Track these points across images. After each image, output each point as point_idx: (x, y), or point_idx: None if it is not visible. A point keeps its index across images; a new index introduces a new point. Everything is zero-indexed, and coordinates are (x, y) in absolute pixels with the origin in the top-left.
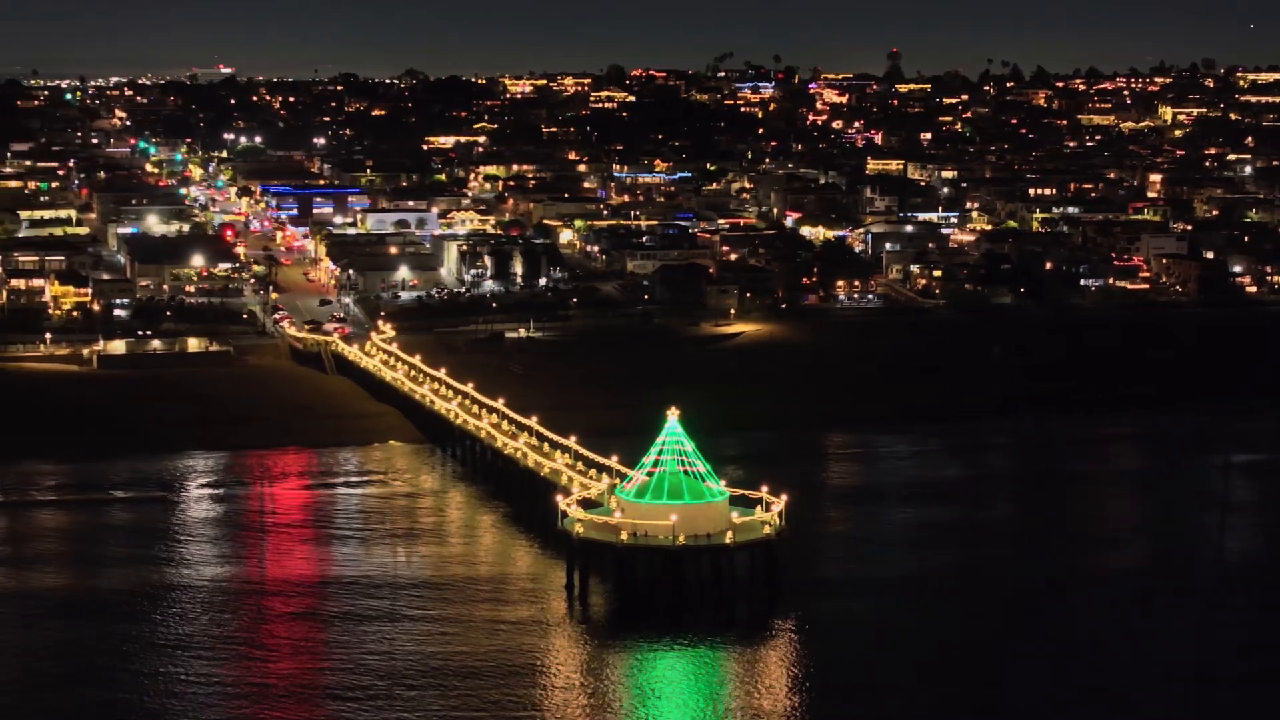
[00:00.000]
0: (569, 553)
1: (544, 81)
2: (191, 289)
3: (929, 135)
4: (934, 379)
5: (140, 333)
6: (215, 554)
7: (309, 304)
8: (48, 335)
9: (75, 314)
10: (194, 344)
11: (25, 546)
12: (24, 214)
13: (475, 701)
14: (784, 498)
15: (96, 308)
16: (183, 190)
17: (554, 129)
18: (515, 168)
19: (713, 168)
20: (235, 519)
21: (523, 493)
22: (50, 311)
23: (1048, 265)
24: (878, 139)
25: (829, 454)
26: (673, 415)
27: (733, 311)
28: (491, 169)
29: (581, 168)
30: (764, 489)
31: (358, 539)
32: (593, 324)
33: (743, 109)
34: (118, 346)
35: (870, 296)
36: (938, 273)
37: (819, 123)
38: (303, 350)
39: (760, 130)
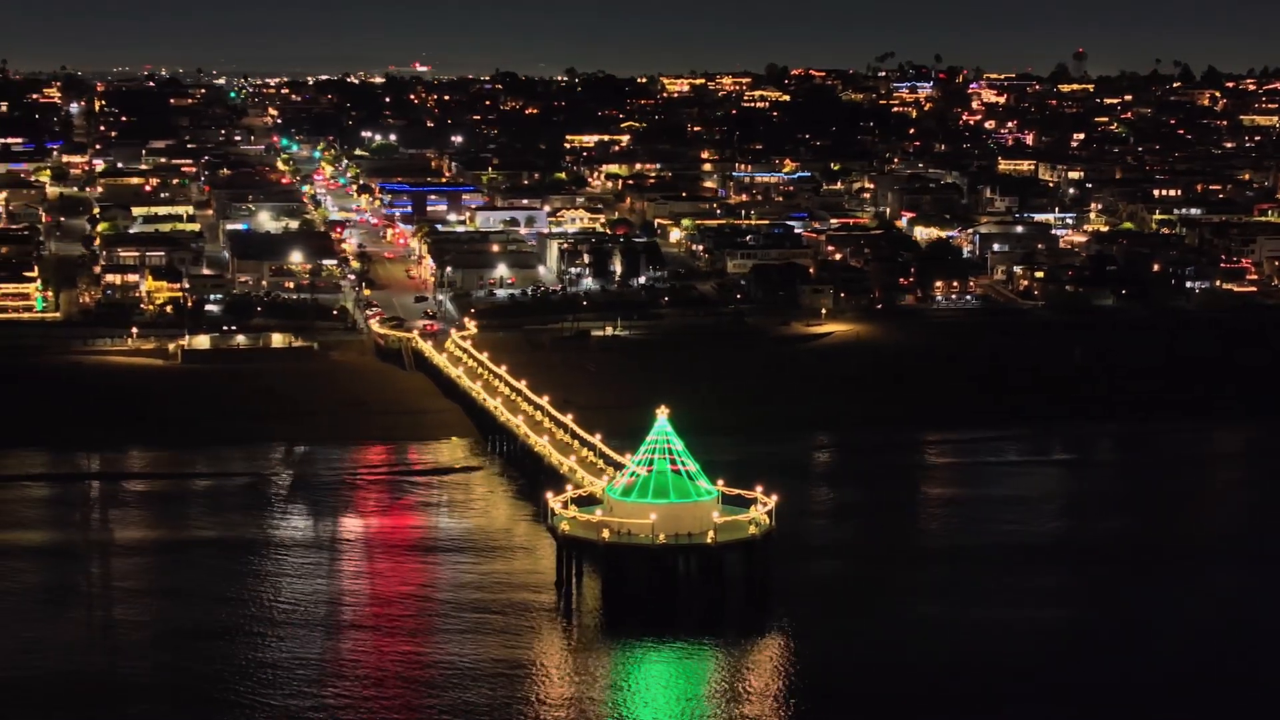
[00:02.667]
0: (557, 550)
1: (702, 81)
2: (291, 285)
3: (1081, 135)
4: (1007, 380)
5: (225, 328)
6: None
7: (405, 301)
8: (134, 329)
9: (168, 309)
10: (278, 339)
11: None
12: (138, 210)
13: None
14: (774, 498)
15: (189, 303)
16: (305, 187)
17: (699, 128)
18: (638, 166)
19: (837, 167)
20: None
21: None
22: (143, 306)
23: (1155, 267)
24: (1028, 139)
25: (856, 459)
26: (662, 414)
27: (824, 311)
28: (614, 167)
29: (706, 167)
30: (758, 489)
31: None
32: (682, 323)
33: (895, 109)
34: (202, 341)
35: (968, 297)
36: (1040, 274)
37: (971, 123)
38: (385, 347)
39: (911, 130)
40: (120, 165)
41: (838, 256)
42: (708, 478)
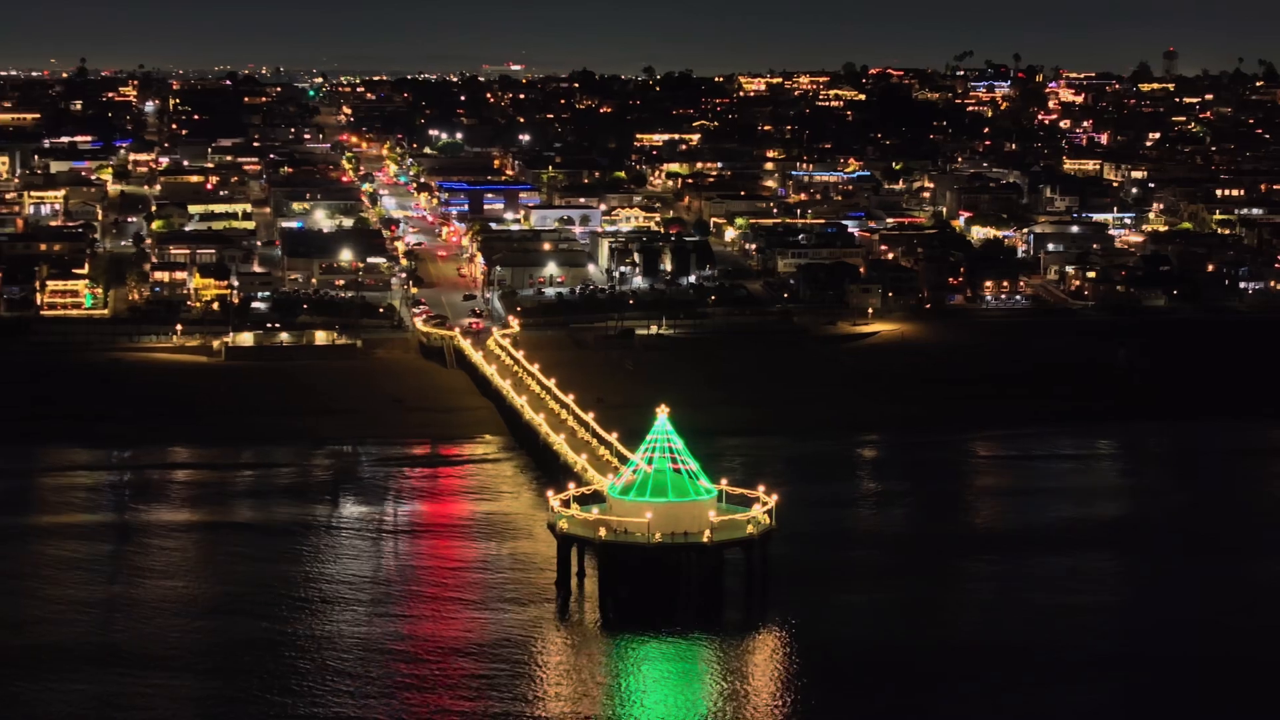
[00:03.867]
0: (558, 548)
1: (779, 80)
2: (341, 282)
3: (1157, 135)
4: (1043, 380)
5: (269, 325)
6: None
7: (454, 299)
8: (179, 326)
9: (214, 306)
10: (321, 337)
11: None
12: (194, 208)
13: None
14: (774, 497)
15: (236, 300)
16: (365, 185)
17: (769, 127)
18: (698, 165)
19: (898, 167)
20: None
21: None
22: (190, 304)
23: (1209, 267)
24: (1102, 139)
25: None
26: (662, 413)
27: (870, 311)
28: (674, 166)
29: (768, 165)
30: (760, 488)
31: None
32: (727, 321)
33: (970, 108)
34: (246, 338)
35: (1018, 297)
36: (1092, 274)
37: (1046, 122)
38: (427, 344)
39: (985, 130)
40: (185, 163)
41: (890, 256)
42: (709, 477)
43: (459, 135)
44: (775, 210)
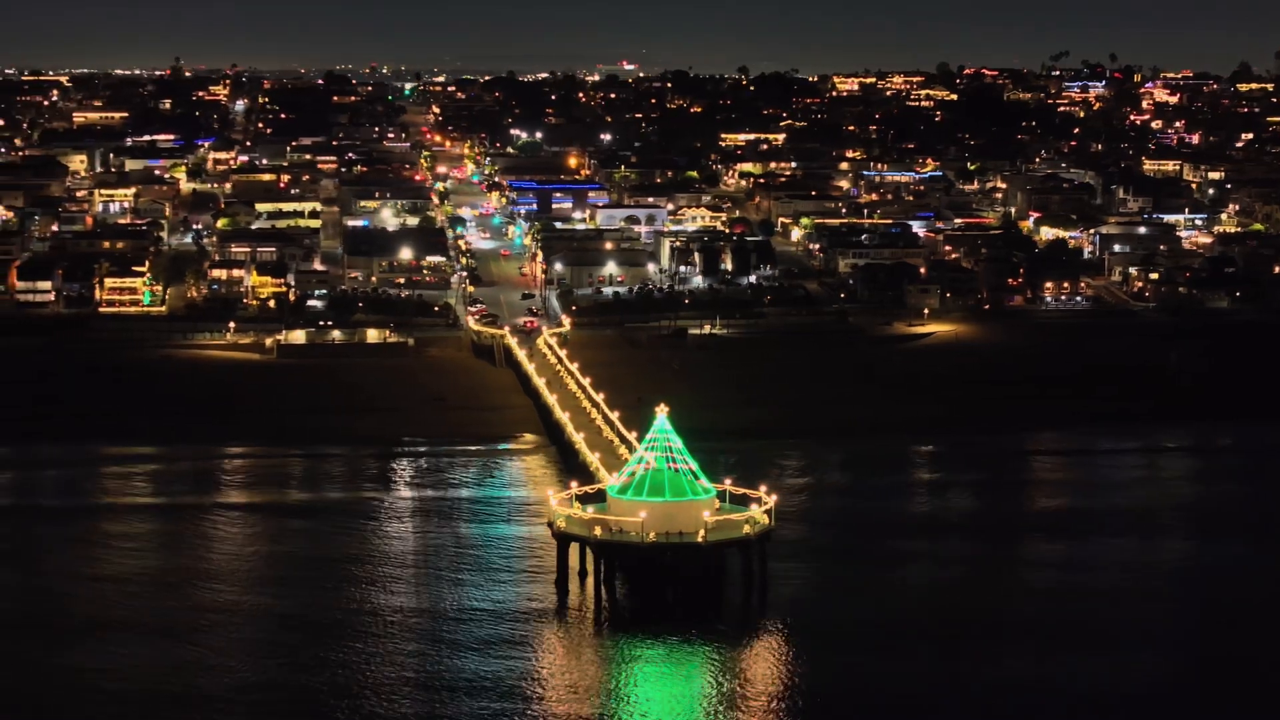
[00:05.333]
0: (557, 547)
1: (872, 80)
2: (401, 280)
3: (1249, 135)
4: (1088, 382)
5: (322, 323)
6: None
7: (512, 298)
8: (232, 324)
9: (271, 304)
10: (373, 335)
11: None
12: (263, 206)
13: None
14: (774, 498)
15: (292, 298)
16: (439, 184)
17: (853, 127)
18: (772, 165)
19: (973, 167)
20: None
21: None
22: (246, 301)
23: (1277, 269)
24: (1194, 140)
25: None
26: (661, 413)
27: (926, 311)
28: (747, 166)
29: (844, 166)
30: (761, 489)
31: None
32: (782, 321)
33: (1061, 108)
34: (298, 336)
35: (1078, 298)
36: (1155, 275)
37: (1138, 123)
38: (479, 343)
39: (1076, 130)
40: (264, 161)
41: (954, 256)
42: (710, 475)
43: (539, 135)
44: (844, 210)
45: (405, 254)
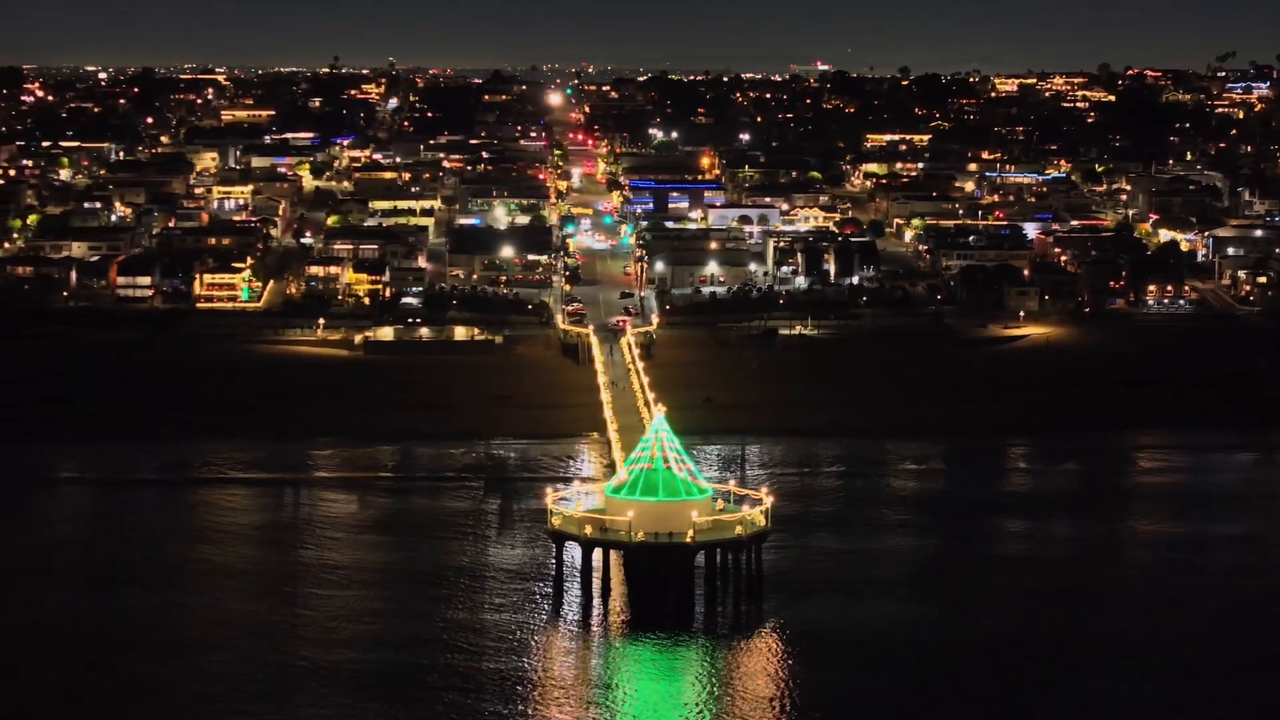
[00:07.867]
0: (554, 545)
1: (1032, 81)
2: (503, 279)
3: None
4: (1172, 386)
5: (411, 320)
6: None
7: (611, 297)
8: (322, 320)
9: (365, 300)
10: (460, 333)
11: None
12: (375, 204)
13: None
14: (770, 499)
15: (386, 295)
16: (561, 183)
17: (1000, 129)
18: (899, 166)
19: (1101, 169)
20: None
21: None
22: (340, 298)
23: None
24: None
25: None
26: (660, 412)
27: (1022, 314)
28: (871, 166)
29: (972, 166)
30: (761, 489)
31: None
32: (875, 323)
33: (1220, 110)
34: (386, 333)
35: (1181, 301)
36: (1263, 279)
37: None
38: (566, 341)
39: (1233, 132)
40: (398, 159)
41: (1063, 259)
42: (704, 476)
43: (674, 134)
44: (960, 211)
45: (508, 252)
